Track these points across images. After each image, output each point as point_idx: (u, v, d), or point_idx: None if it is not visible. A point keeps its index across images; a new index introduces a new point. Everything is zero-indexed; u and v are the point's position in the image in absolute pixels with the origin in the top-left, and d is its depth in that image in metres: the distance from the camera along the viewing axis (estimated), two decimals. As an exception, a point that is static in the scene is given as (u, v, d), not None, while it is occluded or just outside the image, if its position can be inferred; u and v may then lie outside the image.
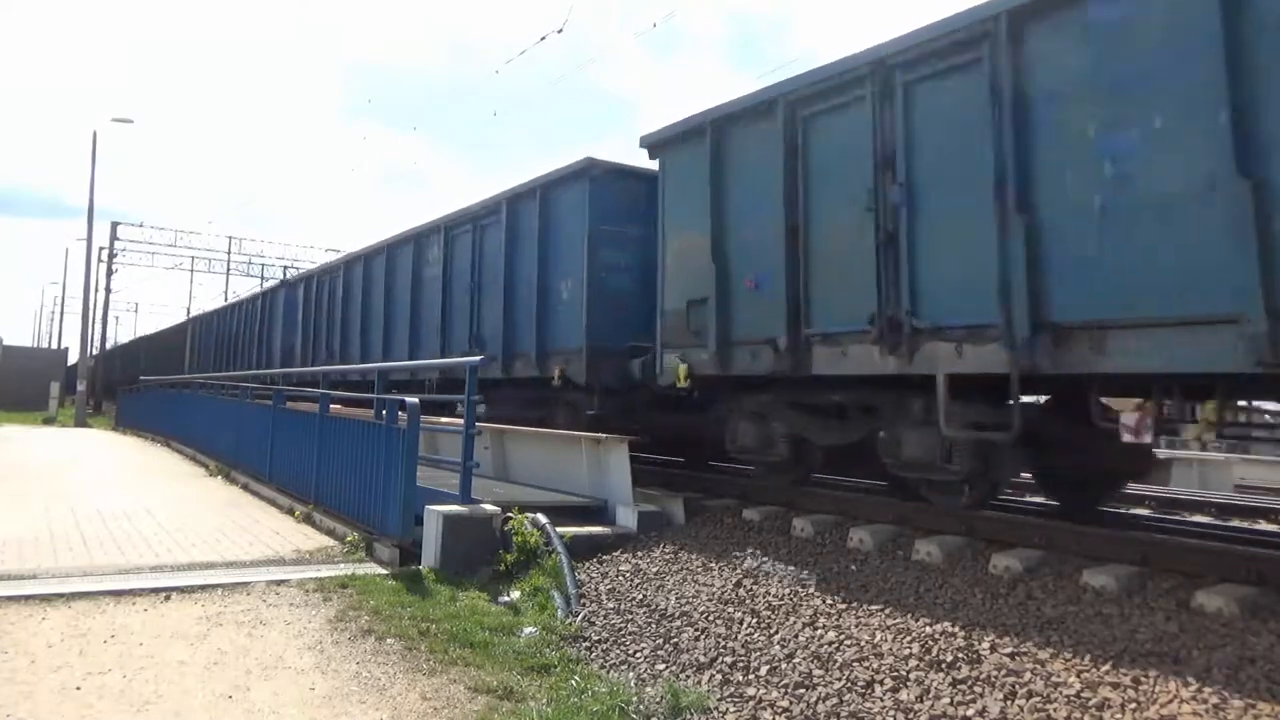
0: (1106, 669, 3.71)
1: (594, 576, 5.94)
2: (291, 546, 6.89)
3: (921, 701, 3.78)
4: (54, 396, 31.13)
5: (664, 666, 4.56)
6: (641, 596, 5.49)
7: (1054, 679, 3.71)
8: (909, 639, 4.28)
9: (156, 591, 5.39)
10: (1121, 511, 7.24)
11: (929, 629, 4.34)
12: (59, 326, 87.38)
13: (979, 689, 3.77)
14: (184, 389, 18.50)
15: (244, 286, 40.05)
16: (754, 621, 4.84)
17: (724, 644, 4.65)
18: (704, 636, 4.78)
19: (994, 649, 4.03)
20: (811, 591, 5.09)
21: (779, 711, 3.95)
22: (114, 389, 31.60)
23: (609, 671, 4.55)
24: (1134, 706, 3.45)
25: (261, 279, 40.09)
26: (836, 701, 3.91)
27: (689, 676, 4.40)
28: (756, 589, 5.28)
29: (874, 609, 4.71)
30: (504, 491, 7.62)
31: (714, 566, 5.77)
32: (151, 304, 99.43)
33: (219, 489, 10.82)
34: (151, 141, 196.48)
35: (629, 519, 6.92)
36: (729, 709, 4.04)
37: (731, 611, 5.02)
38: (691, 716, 3.97)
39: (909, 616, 4.53)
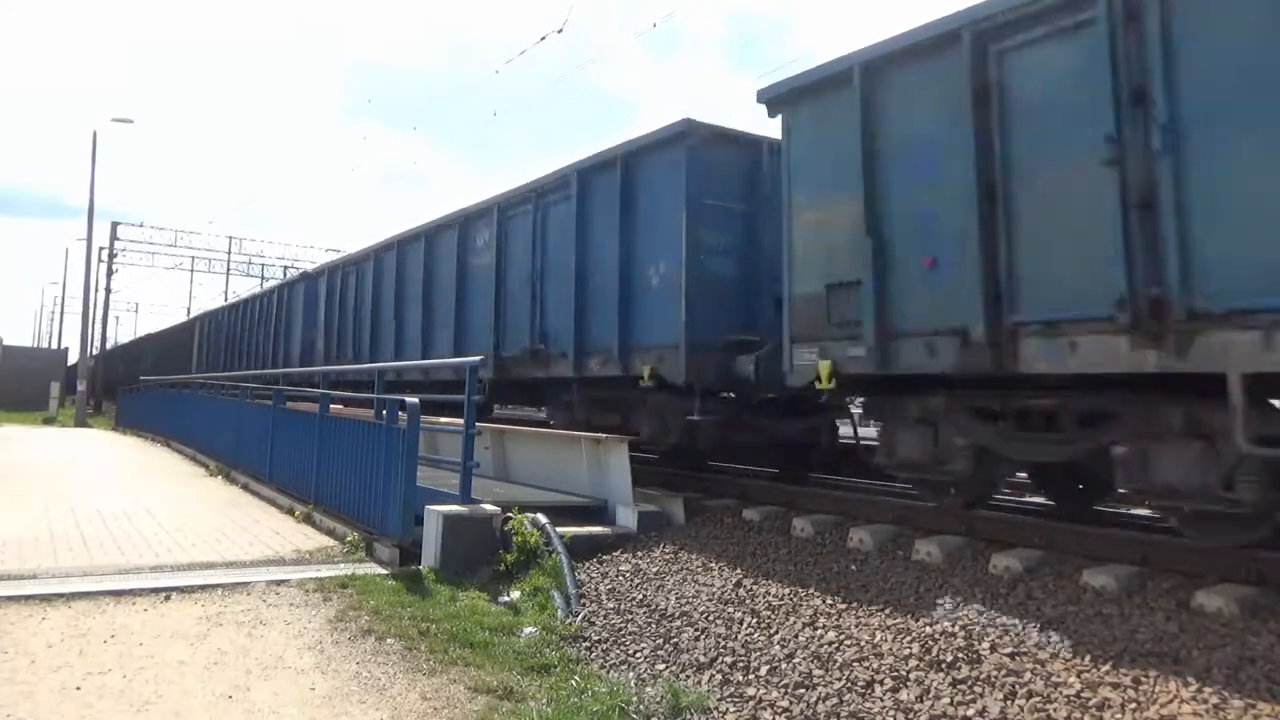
0: (1106, 669, 3.71)
1: (594, 576, 5.94)
2: (291, 546, 6.89)
3: (921, 701, 3.78)
4: (54, 396, 31.13)
5: (664, 666, 4.56)
6: (641, 596, 5.49)
7: (1054, 679, 3.71)
8: (909, 639, 4.28)
9: (156, 591, 5.39)
10: (1121, 511, 7.23)
11: (929, 629, 4.34)
12: (59, 326, 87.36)
13: (979, 689, 3.77)
14: (184, 389, 18.48)
15: (244, 286, 40.11)
16: (754, 621, 4.84)
17: (724, 644, 4.65)
18: (704, 636, 4.78)
19: (994, 649, 4.03)
20: (811, 591, 5.09)
21: (779, 711, 3.95)
22: (114, 389, 31.53)
23: (609, 671, 4.56)
24: (1134, 706, 3.45)
25: (261, 279, 40.15)
26: (836, 701, 3.91)
27: (689, 676, 4.40)
28: (756, 589, 5.28)
29: (874, 609, 4.71)
30: (504, 491, 7.63)
31: (714, 566, 5.77)
32: (151, 304, 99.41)
33: (219, 489, 10.82)
34: (151, 141, 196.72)
35: (629, 519, 6.92)
36: (729, 709, 4.04)
37: (731, 611, 5.02)
38: (691, 716, 3.97)
39: (909, 616, 4.54)
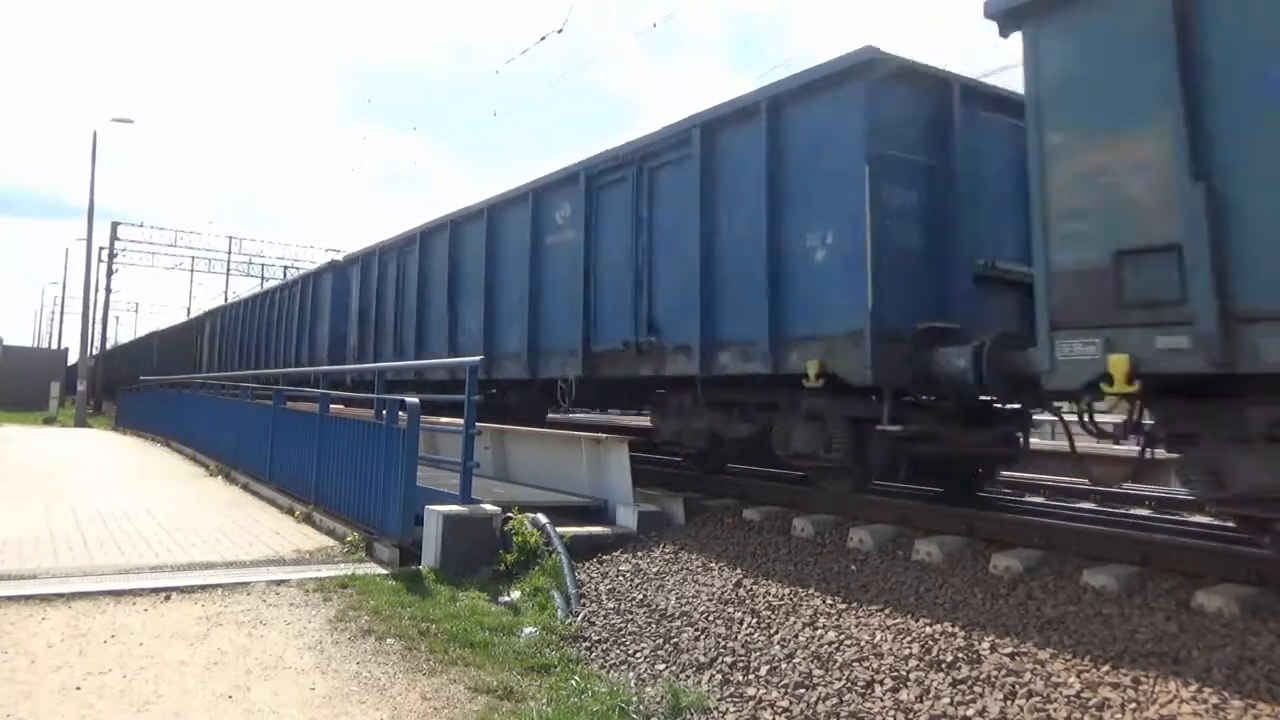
0: (1106, 669, 3.71)
1: (594, 576, 5.94)
2: (291, 546, 6.89)
3: (921, 701, 3.78)
4: (54, 396, 31.11)
5: (664, 666, 4.56)
6: (641, 596, 5.49)
7: (1054, 679, 3.71)
8: (909, 639, 4.28)
9: (156, 591, 5.39)
10: (1121, 511, 7.24)
11: (929, 629, 4.34)
12: (59, 326, 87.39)
13: (979, 689, 3.77)
14: (184, 389, 18.47)
15: (244, 286, 40.09)
16: (754, 621, 4.84)
17: (724, 644, 4.65)
18: (704, 636, 4.78)
19: (994, 649, 4.03)
20: (811, 591, 5.09)
21: (779, 711, 3.95)
22: (114, 389, 31.46)
23: (609, 671, 4.56)
24: (1134, 706, 3.44)
25: (262, 279, 40.14)
26: (836, 701, 3.91)
27: (689, 676, 4.40)
28: (756, 589, 5.28)
29: (874, 609, 4.71)
30: (504, 491, 7.63)
31: (714, 566, 5.77)
32: (151, 304, 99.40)
33: (219, 489, 10.82)
34: (151, 141, 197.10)
35: (629, 519, 6.92)
36: (729, 709, 4.04)
37: (731, 611, 5.02)
38: (691, 716, 3.97)
39: (909, 616, 4.54)
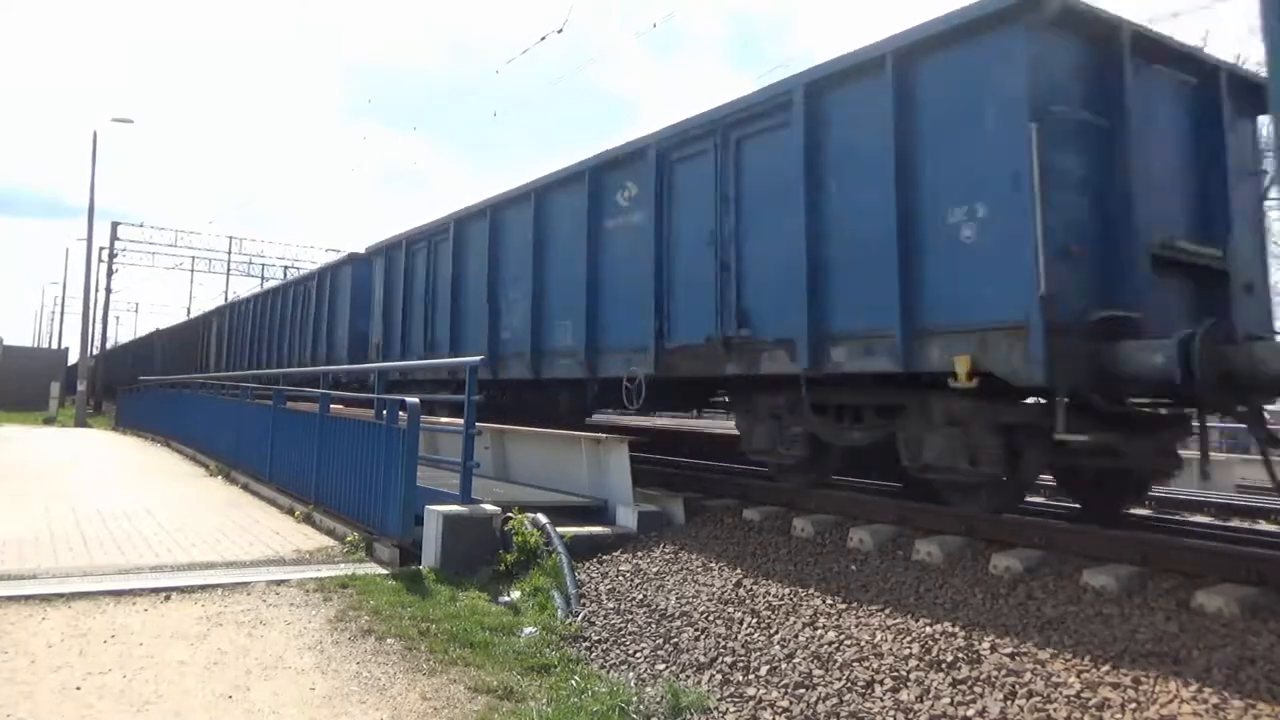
0: (1106, 669, 3.71)
1: (594, 576, 5.94)
2: (291, 546, 6.89)
3: (921, 701, 3.78)
4: (54, 396, 31.11)
5: (664, 666, 4.56)
6: (641, 596, 5.49)
7: (1054, 679, 3.71)
8: (909, 639, 4.28)
9: (156, 591, 5.39)
10: (1122, 511, 7.23)
11: (929, 629, 4.34)
12: (59, 326, 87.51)
13: (979, 689, 3.77)
14: (184, 389, 18.47)
15: (244, 286, 40.10)
16: (754, 621, 4.84)
17: (724, 644, 4.65)
18: (704, 636, 4.78)
19: (994, 649, 4.03)
20: (811, 591, 5.09)
21: (779, 711, 3.95)
22: (115, 389, 31.42)
23: (609, 671, 4.55)
24: (1134, 706, 3.44)
25: (262, 279, 40.14)
26: (836, 701, 3.91)
27: (689, 676, 4.40)
28: (756, 589, 5.28)
29: (874, 609, 4.71)
30: (504, 491, 7.62)
31: (714, 566, 5.77)
32: (151, 304, 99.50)
33: (219, 489, 10.82)
34: (151, 141, 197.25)
35: (629, 519, 6.92)
36: (729, 709, 4.04)
37: (731, 611, 5.02)
38: (691, 716, 3.97)
39: (909, 616, 4.53)
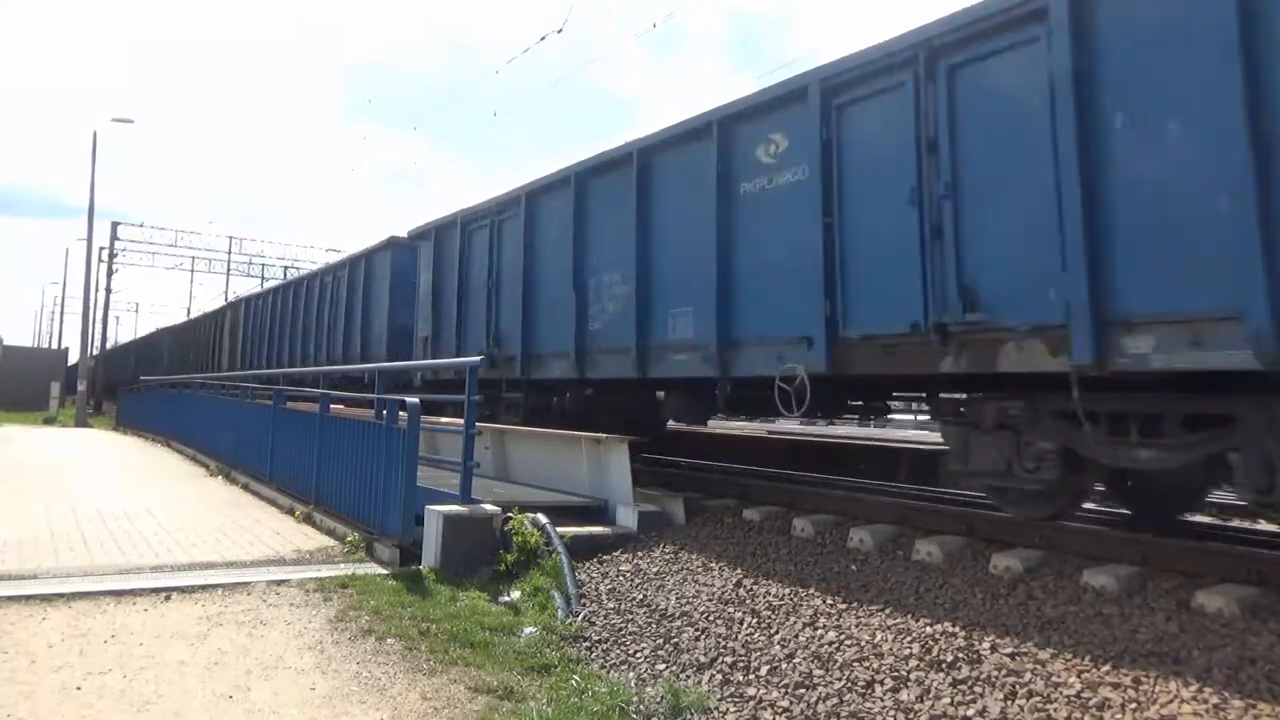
0: (1107, 669, 3.71)
1: (594, 576, 5.94)
2: (292, 546, 6.89)
3: (922, 701, 3.78)
4: (54, 396, 31.13)
5: (664, 666, 4.56)
6: (642, 596, 5.49)
7: (1054, 679, 3.71)
8: (909, 639, 4.28)
9: (157, 591, 5.39)
10: (1122, 511, 7.23)
11: (929, 629, 4.34)
12: (59, 326, 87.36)
13: (979, 689, 3.77)
14: (184, 389, 18.47)
15: (244, 286, 40.06)
16: (754, 621, 4.84)
17: (724, 644, 4.65)
18: (704, 636, 4.78)
19: (994, 649, 4.03)
20: (811, 591, 5.09)
21: (779, 711, 3.95)
22: (115, 389, 31.39)
23: (609, 671, 4.55)
24: (1134, 706, 3.44)
25: (261, 279, 40.16)
26: (837, 701, 3.91)
27: (689, 676, 4.40)
28: (757, 589, 5.28)
29: (874, 609, 4.71)
30: (504, 491, 7.63)
31: (714, 566, 5.77)
32: (151, 304, 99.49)
33: (219, 489, 10.82)
34: (151, 141, 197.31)
35: (629, 519, 6.92)
36: (729, 709, 4.04)
37: (732, 611, 5.02)
38: (692, 716, 3.97)
39: (909, 616, 4.54)
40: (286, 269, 40.37)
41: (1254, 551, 4.76)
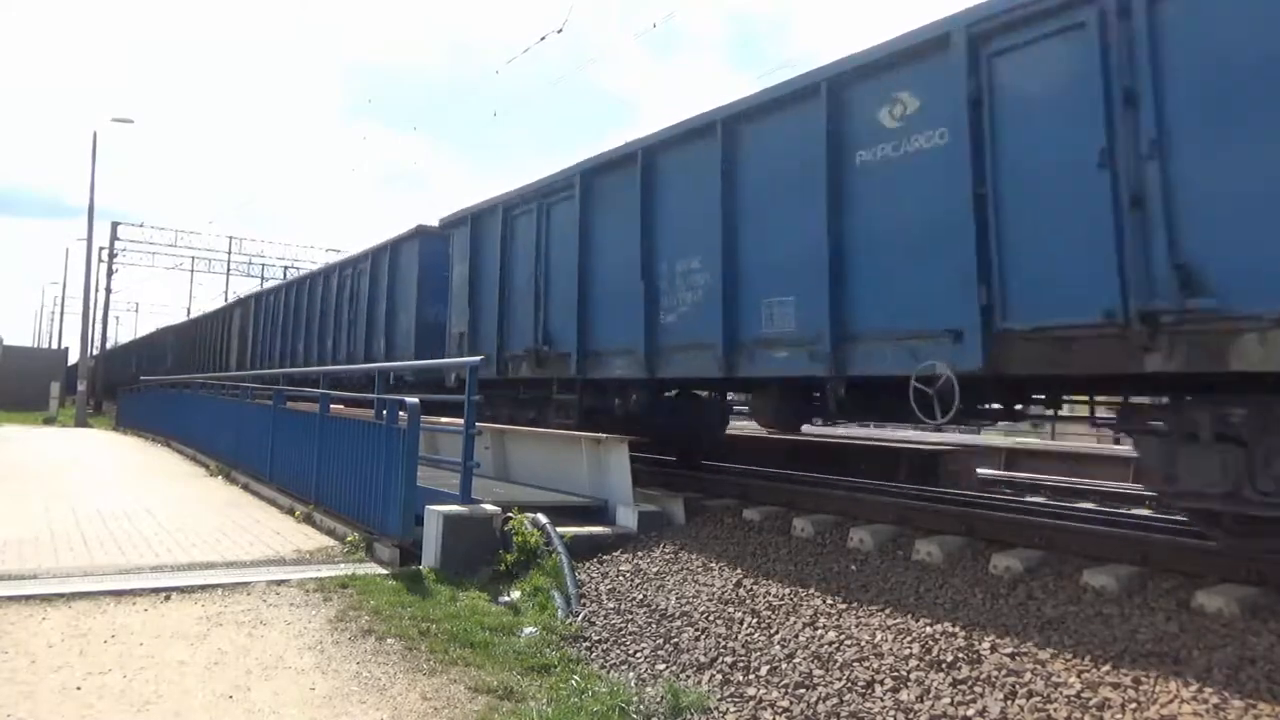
0: (1107, 669, 3.71)
1: (594, 576, 5.94)
2: (292, 546, 6.89)
3: (922, 701, 3.78)
4: (54, 396, 31.15)
5: (664, 666, 4.56)
6: (642, 596, 5.49)
7: (1054, 679, 3.71)
8: (909, 639, 4.28)
9: (157, 591, 5.39)
10: (1121, 511, 7.24)
11: (929, 629, 4.34)
12: (59, 326, 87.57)
13: (979, 689, 3.77)
14: (184, 389, 18.47)
15: (244, 286, 40.07)
16: (754, 621, 4.84)
17: (724, 644, 4.65)
18: (704, 636, 4.78)
19: (994, 649, 4.03)
20: (811, 591, 5.09)
21: (779, 711, 3.95)
22: (115, 389, 31.36)
23: (609, 671, 4.56)
24: (1134, 706, 3.45)
25: (261, 279, 40.19)
26: (837, 701, 3.91)
27: (689, 676, 4.40)
28: (757, 589, 5.28)
29: (874, 609, 4.71)
30: (504, 491, 7.63)
31: (714, 566, 5.77)
32: (151, 304, 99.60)
33: (219, 489, 10.82)
34: (151, 141, 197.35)
35: (629, 519, 6.92)
36: (729, 709, 4.04)
37: (732, 611, 5.02)
38: (692, 716, 3.97)
39: (909, 616, 4.54)
40: (286, 269, 40.40)
41: (1253, 551, 4.75)
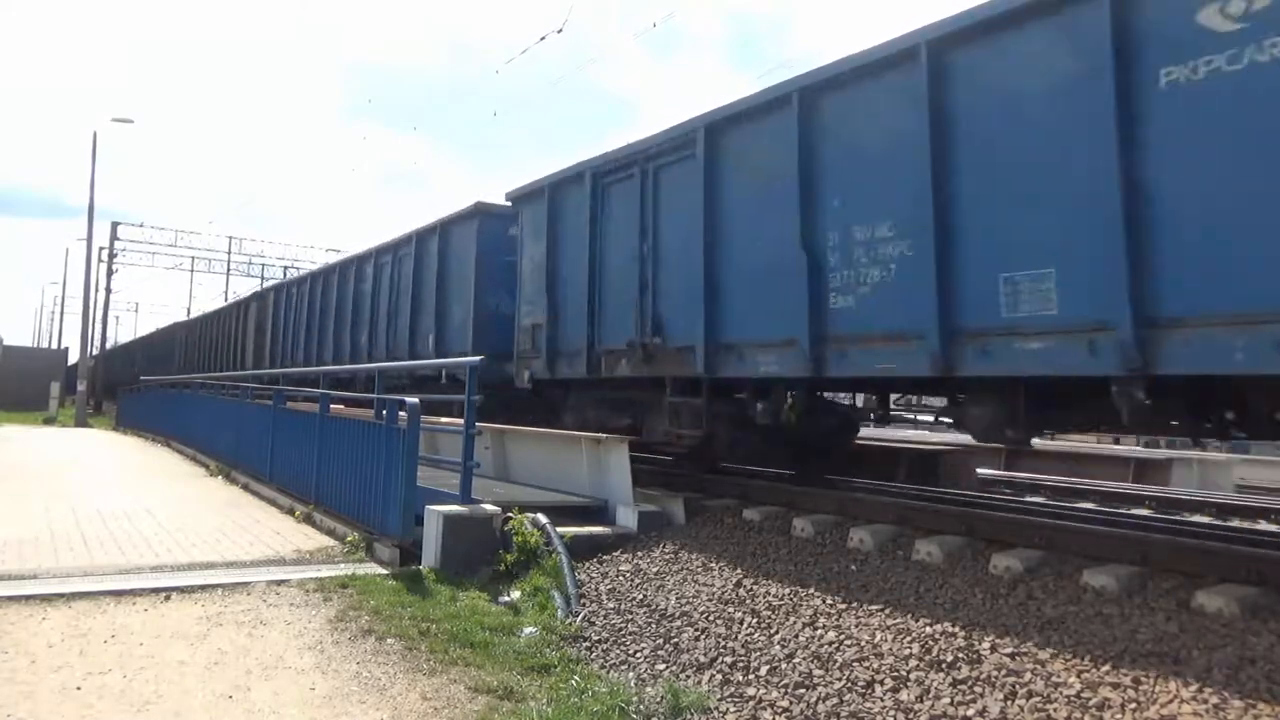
0: (1107, 669, 3.71)
1: (594, 576, 5.94)
2: (292, 546, 6.89)
3: (922, 701, 3.78)
4: (54, 396, 31.16)
5: (664, 666, 4.56)
6: (642, 596, 5.49)
7: (1054, 679, 3.71)
8: (909, 639, 4.28)
9: (157, 591, 5.39)
10: (1121, 511, 7.24)
11: (929, 629, 4.34)
12: (59, 326, 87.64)
13: (979, 689, 3.77)
14: (184, 389, 18.47)
15: (244, 286, 40.08)
16: (754, 621, 4.84)
17: (724, 644, 4.65)
18: (704, 636, 4.78)
19: (994, 649, 4.03)
20: (811, 591, 5.09)
21: (779, 711, 3.95)
22: (115, 389, 31.31)
23: (609, 671, 4.56)
24: (1134, 706, 3.44)
25: (261, 279, 40.18)
26: (837, 701, 3.91)
27: (689, 676, 4.40)
28: (757, 589, 5.28)
29: (874, 609, 4.71)
30: (504, 491, 7.62)
31: (714, 566, 5.77)
32: (151, 304, 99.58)
33: (219, 489, 10.82)
34: (151, 141, 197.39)
35: (629, 519, 6.92)
36: (729, 709, 4.04)
37: (732, 611, 5.02)
38: (692, 716, 3.97)
39: (909, 616, 4.53)
40: (286, 269, 40.40)
41: (1254, 551, 4.76)
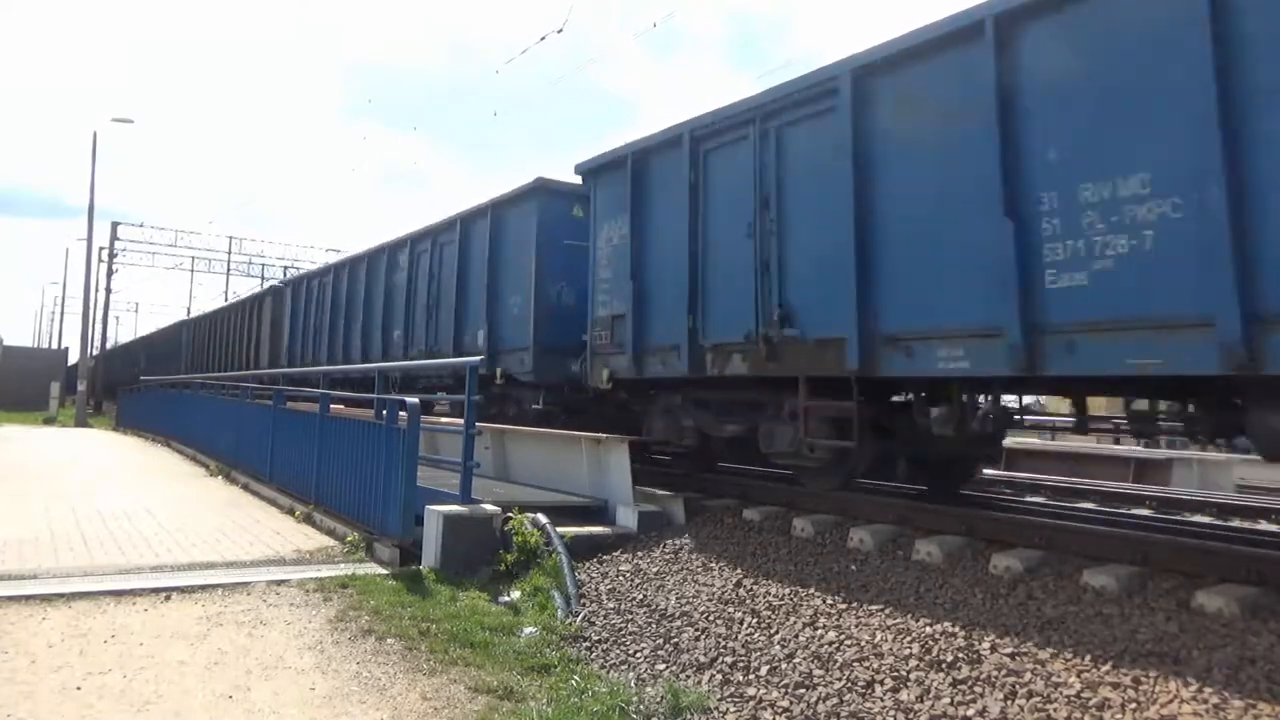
0: (1107, 669, 3.71)
1: (594, 576, 5.94)
2: (292, 546, 6.89)
3: (922, 701, 3.78)
4: (54, 396, 31.16)
5: (664, 666, 4.56)
6: (642, 596, 5.49)
7: (1054, 679, 3.71)
8: (909, 639, 4.28)
9: (157, 591, 5.39)
10: (1121, 511, 7.25)
11: (929, 629, 4.34)
12: (59, 326, 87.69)
13: (979, 689, 3.77)
14: (184, 389, 18.46)
15: (244, 286, 40.05)
16: (754, 621, 4.84)
17: (724, 644, 4.65)
18: (704, 636, 4.78)
19: (994, 649, 4.03)
20: (812, 591, 5.09)
21: (779, 711, 3.95)
22: (116, 389, 31.26)
23: (609, 671, 4.56)
24: (1134, 706, 3.44)
25: (262, 279, 40.13)
26: (837, 701, 3.91)
27: (689, 676, 4.40)
28: (757, 589, 5.28)
29: (874, 609, 4.71)
30: (504, 491, 7.62)
31: (714, 566, 5.77)
32: (151, 304, 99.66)
33: (219, 489, 10.82)
34: (151, 141, 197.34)
35: (629, 519, 6.92)
36: (729, 709, 4.04)
37: (732, 611, 5.02)
38: (692, 716, 3.97)
39: (909, 616, 4.53)
40: (286, 269, 40.35)
41: (1254, 551, 4.76)
